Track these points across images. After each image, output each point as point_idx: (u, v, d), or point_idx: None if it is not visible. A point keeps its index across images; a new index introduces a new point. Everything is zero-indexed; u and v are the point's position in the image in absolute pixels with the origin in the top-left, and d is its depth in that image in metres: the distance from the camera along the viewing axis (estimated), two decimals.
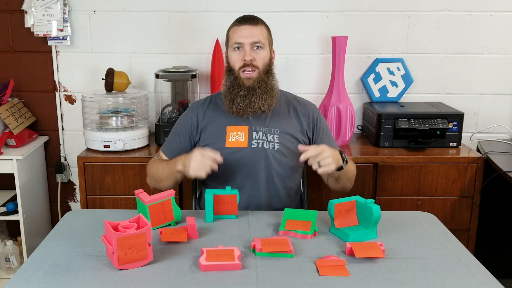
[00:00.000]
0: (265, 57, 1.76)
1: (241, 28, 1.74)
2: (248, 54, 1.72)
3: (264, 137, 1.78)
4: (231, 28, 1.78)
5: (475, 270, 1.29)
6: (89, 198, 2.32)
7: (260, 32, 1.74)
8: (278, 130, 1.79)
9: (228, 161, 1.75)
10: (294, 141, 1.80)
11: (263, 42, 1.74)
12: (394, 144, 2.39)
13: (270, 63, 1.79)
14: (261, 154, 1.77)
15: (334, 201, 1.46)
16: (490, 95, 2.67)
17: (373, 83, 2.63)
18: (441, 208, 2.31)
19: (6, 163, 2.41)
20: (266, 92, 1.74)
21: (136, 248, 1.26)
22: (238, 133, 1.78)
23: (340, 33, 2.57)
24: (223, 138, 1.78)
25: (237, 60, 1.74)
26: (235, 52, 1.74)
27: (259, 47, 1.73)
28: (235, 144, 1.77)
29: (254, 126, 1.78)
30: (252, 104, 1.72)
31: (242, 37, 1.72)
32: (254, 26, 1.74)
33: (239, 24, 1.75)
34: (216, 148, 1.76)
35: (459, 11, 2.57)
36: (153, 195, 1.50)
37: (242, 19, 1.76)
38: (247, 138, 1.77)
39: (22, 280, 1.22)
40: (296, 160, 1.81)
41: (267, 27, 1.80)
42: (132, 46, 2.62)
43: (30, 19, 2.55)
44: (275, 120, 1.80)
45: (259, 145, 1.77)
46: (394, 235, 1.48)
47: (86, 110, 2.42)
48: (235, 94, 1.73)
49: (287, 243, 1.36)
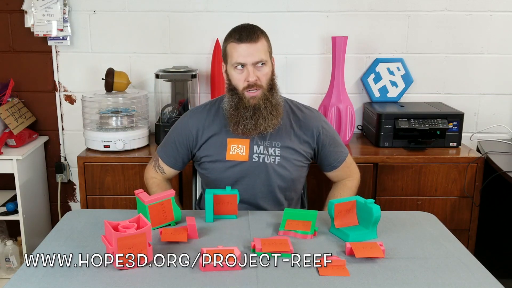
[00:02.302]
0: (268, 72, 1.70)
1: (241, 46, 1.65)
2: (252, 75, 1.66)
3: (265, 151, 1.75)
4: (229, 43, 1.69)
5: (475, 270, 1.29)
6: (89, 198, 2.32)
7: (262, 48, 1.67)
8: (279, 143, 1.77)
9: (228, 174, 1.75)
10: (295, 154, 1.78)
11: (265, 58, 1.68)
12: (394, 144, 2.39)
13: (273, 76, 1.74)
14: (262, 169, 1.75)
15: (334, 201, 1.46)
16: (490, 95, 2.67)
17: (373, 83, 2.63)
18: (441, 208, 2.31)
19: (6, 163, 2.41)
20: (272, 113, 1.70)
21: (136, 248, 1.26)
22: (239, 146, 1.75)
23: (340, 33, 2.57)
24: (224, 150, 1.75)
25: (240, 80, 1.68)
26: (237, 71, 1.68)
27: (261, 63, 1.67)
28: (235, 158, 1.74)
29: (256, 140, 1.75)
30: (258, 126, 1.69)
31: (244, 57, 1.65)
32: (255, 43, 1.65)
33: (238, 41, 1.65)
34: (216, 160, 1.76)
35: (459, 11, 2.57)
36: (153, 195, 1.50)
37: (241, 35, 1.66)
38: (248, 151, 1.75)
39: (22, 280, 1.22)
40: (297, 172, 1.80)
41: (266, 38, 1.71)
42: (132, 46, 2.62)
43: (30, 19, 2.55)
44: (277, 134, 1.77)
45: (260, 160, 1.75)
46: (394, 235, 1.48)
47: (86, 110, 2.42)
48: (241, 116, 1.69)
49: (287, 243, 1.36)
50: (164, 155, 1.86)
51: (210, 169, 1.78)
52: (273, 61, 1.76)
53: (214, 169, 1.77)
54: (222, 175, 1.76)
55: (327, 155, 1.84)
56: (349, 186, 1.90)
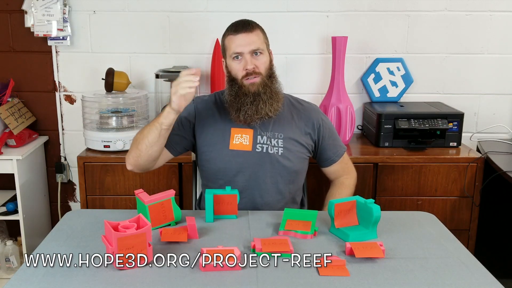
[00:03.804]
0: (266, 61, 1.74)
1: (237, 37, 1.70)
2: (250, 63, 1.69)
3: (268, 141, 1.76)
4: (227, 37, 1.74)
5: (475, 270, 1.28)
6: (89, 198, 2.32)
7: (258, 38, 1.72)
8: (282, 134, 1.78)
9: (231, 163, 1.75)
10: (298, 145, 1.79)
11: (262, 47, 1.72)
12: (394, 144, 2.39)
13: (271, 65, 1.77)
14: (266, 159, 1.75)
15: (334, 201, 1.46)
16: (490, 95, 2.67)
17: (373, 83, 2.63)
18: (441, 208, 2.31)
19: (6, 163, 2.41)
20: (272, 97, 1.72)
21: (136, 248, 1.26)
22: (242, 135, 1.76)
23: (340, 33, 2.57)
24: (227, 139, 1.76)
25: (239, 69, 1.71)
26: (235, 62, 1.72)
27: (258, 53, 1.71)
28: (239, 147, 1.75)
29: (259, 130, 1.77)
30: (259, 110, 1.70)
31: (241, 46, 1.69)
32: (250, 32, 1.70)
33: (234, 33, 1.71)
34: (219, 149, 1.76)
35: (459, 11, 2.57)
36: (153, 195, 1.50)
37: (237, 27, 1.72)
38: (252, 141, 1.76)
39: (22, 280, 1.22)
40: (300, 164, 1.81)
41: (262, 30, 1.77)
42: (132, 46, 2.62)
43: (30, 19, 2.55)
44: (279, 125, 1.79)
45: (263, 150, 1.75)
46: (394, 235, 1.48)
47: (86, 110, 2.42)
48: (242, 103, 1.70)
49: (287, 243, 1.36)
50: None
51: (212, 160, 1.77)
52: (271, 54, 1.78)
53: (217, 158, 1.76)
54: (226, 165, 1.75)
55: (326, 148, 1.86)
56: (347, 184, 1.90)
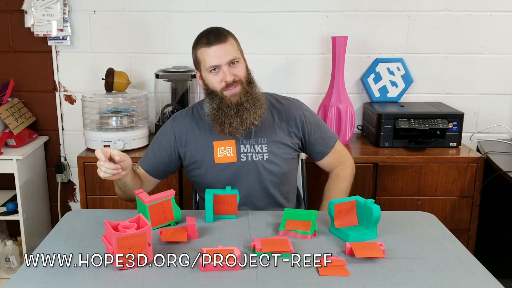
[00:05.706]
0: (243, 68, 1.71)
1: (212, 49, 1.65)
2: (229, 75, 1.66)
3: (252, 149, 1.75)
4: (199, 49, 1.68)
5: (475, 270, 1.28)
6: (89, 198, 2.32)
7: (232, 47, 1.67)
8: (265, 139, 1.76)
9: (220, 177, 1.74)
10: (283, 147, 1.77)
11: (237, 56, 1.68)
12: (394, 144, 2.39)
13: (248, 72, 1.74)
14: (252, 167, 1.74)
15: (334, 201, 1.46)
16: (490, 95, 2.67)
17: (373, 83, 2.63)
18: (441, 208, 2.31)
19: (6, 163, 2.41)
20: (255, 104, 1.70)
21: (136, 248, 1.26)
22: (225, 147, 1.74)
23: (340, 33, 2.57)
24: (211, 154, 1.75)
25: (217, 82, 1.68)
26: (212, 74, 1.68)
27: (235, 62, 1.68)
28: (224, 160, 1.74)
29: (241, 139, 1.74)
30: (244, 120, 1.68)
31: (217, 59, 1.65)
32: (224, 43, 1.65)
33: (207, 45, 1.66)
34: (206, 165, 1.75)
35: (459, 11, 2.57)
36: (153, 195, 1.50)
37: (209, 39, 1.66)
38: (235, 152, 1.74)
39: (22, 280, 1.22)
40: (288, 165, 1.79)
41: (234, 37, 1.72)
42: (132, 46, 2.62)
43: (30, 19, 2.55)
44: (261, 130, 1.76)
45: (248, 158, 1.74)
46: (394, 235, 1.48)
47: (86, 110, 2.42)
48: (225, 115, 1.68)
49: (287, 243, 1.36)
50: (143, 161, 1.82)
51: (201, 175, 1.77)
52: (245, 59, 1.75)
53: (205, 175, 1.76)
54: (215, 179, 1.75)
55: (314, 142, 1.83)
56: (342, 176, 1.88)
